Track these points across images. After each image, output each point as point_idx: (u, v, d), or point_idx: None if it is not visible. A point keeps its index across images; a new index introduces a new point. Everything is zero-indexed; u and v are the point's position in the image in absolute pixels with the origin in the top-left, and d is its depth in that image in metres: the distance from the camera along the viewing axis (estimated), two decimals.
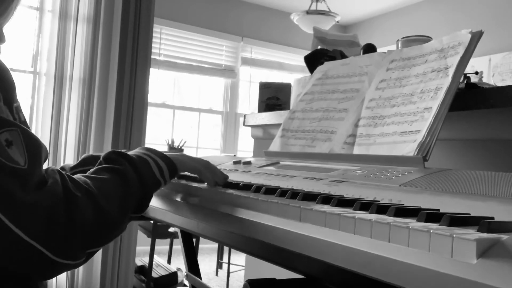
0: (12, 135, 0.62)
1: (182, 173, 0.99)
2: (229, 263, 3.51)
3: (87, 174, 0.74)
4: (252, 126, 1.88)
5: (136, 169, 0.77)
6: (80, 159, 1.05)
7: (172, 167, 0.85)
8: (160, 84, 5.06)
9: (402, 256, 0.48)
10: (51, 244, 0.60)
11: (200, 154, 5.20)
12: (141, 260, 3.23)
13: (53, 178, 0.63)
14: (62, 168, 1.04)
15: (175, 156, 0.88)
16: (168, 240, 3.68)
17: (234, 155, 3.59)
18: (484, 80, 3.27)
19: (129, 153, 0.82)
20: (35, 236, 0.59)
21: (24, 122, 0.78)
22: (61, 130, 2.71)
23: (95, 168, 0.76)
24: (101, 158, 0.78)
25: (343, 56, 1.57)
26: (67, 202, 0.62)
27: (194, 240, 1.82)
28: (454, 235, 0.44)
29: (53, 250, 0.60)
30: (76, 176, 0.70)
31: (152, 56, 2.83)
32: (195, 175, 0.98)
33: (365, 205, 0.62)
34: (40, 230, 0.59)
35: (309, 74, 1.60)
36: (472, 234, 0.45)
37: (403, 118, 0.93)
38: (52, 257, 0.60)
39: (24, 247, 0.58)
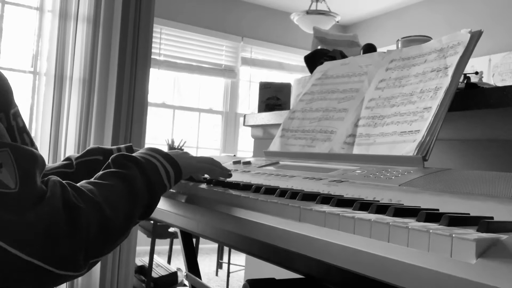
0: (2, 157, 0.60)
1: None
2: (229, 263, 3.51)
3: (93, 179, 0.72)
4: (252, 126, 1.88)
5: (144, 175, 0.76)
6: (86, 150, 1.03)
7: (178, 172, 0.83)
8: (160, 84, 5.06)
9: (402, 256, 0.48)
10: (52, 259, 0.59)
11: (200, 154, 5.20)
12: (141, 260, 3.23)
13: (52, 192, 0.62)
14: (68, 158, 1.03)
15: (180, 158, 0.86)
16: (168, 240, 3.68)
17: (234, 155, 3.58)
18: (484, 80, 3.27)
19: (137, 154, 0.80)
20: (35, 255, 0.58)
21: (23, 127, 0.77)
22: (61, 130, 2.71)
23: (102, 171, 0.74)
24: (109, 161, 0.76)
25: (343, 56, 1.57)
26: (67, 215, 0.61)
27: (194, 240, 1.82)
28: (453, 235, 0.44)
29: (55, 265, 0.60)
30: (82, 184, 0.69)
31: (152, 56, 2.83)
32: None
33: (365, 205, 0.62)
34: (40, 247, 0.58)
35: (309, 74, 1.60)
36: (471, 234, 0.45)
37: (402, 118, 0.93)
38: (54, 270, 0.60)
39: (25, 264, 0.58)
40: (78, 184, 0.68)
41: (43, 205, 0.60)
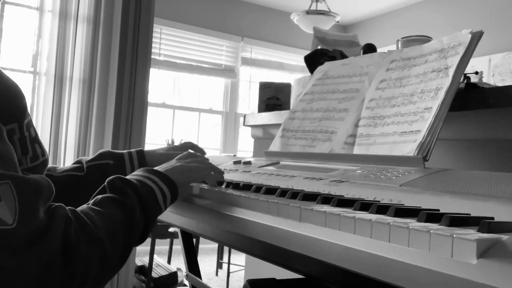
0: (3, 190, 0.58)
1: None
2: (229, 263, 3.51)
3: (94, 205, 0.70)
4: (252, 126, 1.88)
5: (141, 201, 0.74)
6: (97, 153, 1.02)
7: (174, 193, 0.81)
8: (160, 84, 5.06)
9: (402, 256, 0.48)
10: None
11: None
12: (141, 260, 3.23)
13: (54, 228, 0.59)
14: (79, 161, 1.01)
15: (176, 176, 0.83)
16: (168, 240, 3.68)
17: (234, 155, 3.58)
18: (484, 80, 3.27)
19: (133, 178, 0.78)
20: None
21: (35, 137, 0.77)
22: (61, 130, 2.71)
23: (101, 196, 0.72)
24: (106, 184, 0.74)
25: (343, 56, 1.57)
26: (65, 257, 0.59)
27: (194, 240, 1.82)
28: (454, 235, 0.44)
29: None
30: (85, 210, 0.67)
31: (152, 56, 2.83)
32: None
33: (365, 205, 0.62)
34: None
35: (309, 74, 1.60)
36: (472, 234, 0.45)
37: (403, 118, 0.93)
38: None
39: None
40: (81, 211, 0.66)
41: (40, 245, 0.57)
